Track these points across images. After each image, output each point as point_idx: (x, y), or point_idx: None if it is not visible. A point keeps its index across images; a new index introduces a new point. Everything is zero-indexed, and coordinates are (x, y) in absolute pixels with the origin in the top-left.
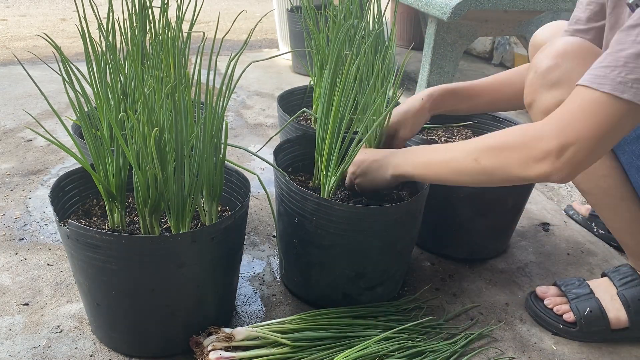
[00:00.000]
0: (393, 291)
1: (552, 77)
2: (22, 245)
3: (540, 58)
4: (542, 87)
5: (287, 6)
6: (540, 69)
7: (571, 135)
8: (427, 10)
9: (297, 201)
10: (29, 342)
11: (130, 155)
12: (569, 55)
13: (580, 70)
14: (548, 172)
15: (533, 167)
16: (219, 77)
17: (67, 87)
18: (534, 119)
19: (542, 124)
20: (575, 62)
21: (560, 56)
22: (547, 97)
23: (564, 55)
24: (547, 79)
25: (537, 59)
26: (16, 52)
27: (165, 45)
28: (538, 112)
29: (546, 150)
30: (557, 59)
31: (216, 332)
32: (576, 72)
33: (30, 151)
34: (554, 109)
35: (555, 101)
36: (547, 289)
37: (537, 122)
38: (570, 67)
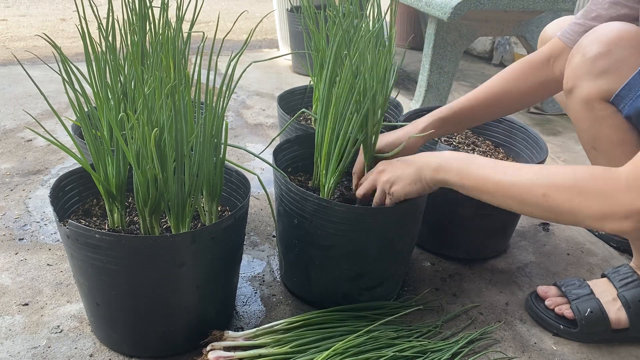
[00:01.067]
0: (393, 291)
1: (602, 64)
2: (22, 245)
3: (590, 41)
4: (589, 73)
5: (287, 6)
6: (590, 53)
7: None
8: (427, 10)
9: (297, 201)
10: (29, 342)
11: (130, 156)
12: (623, 43)
13: (634, 61)
14: (629, 229)
15: (611, 223)
16: (219, 77)
17: (67, 87)
18: (572, 105)
19: (627, 176)
20: (629, 51)
21: (613, 42)
22: (592, 86)
23: (618, 42)
24: (596, 65)
25: (585, 42)
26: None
27: (165, 45)
28: (578, 98)
29: (632, 209)
30: (610, 45)
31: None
32: (628, 62)
33: (30, 151)
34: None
35: (600, 91)
36: (548, 290)
37: (621, 167)
38: (623, 56)
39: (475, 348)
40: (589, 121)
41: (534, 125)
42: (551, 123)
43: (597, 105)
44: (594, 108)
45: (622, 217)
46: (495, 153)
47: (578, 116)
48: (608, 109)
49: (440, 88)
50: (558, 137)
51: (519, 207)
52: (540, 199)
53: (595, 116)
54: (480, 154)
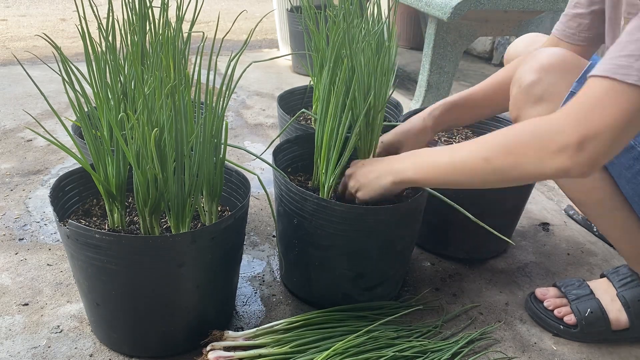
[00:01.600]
0: (393, 291)
1: (536, 91)
2: (22, 245)
3: (524, 72)
4: (527, 102)
5: (287, 6)
6: (524, 83)
7: (592, 127)
8: (427, 10)
9: (297, 201)
10: (29, 342)
11: (130, 156)
12: (552, 68)
13: (565, 83)
14: (567, 166)
15: (550, 162)
16: (219, 77)
17: (67, 87)
18: None
19: (558, 117)
20: (558, 75)
21: (543, 70)
22: (532, 113)
23: (548, 68)
24: (531, 94)
25: (520, 73)
26: (16, 52)
27: (165, 45)
28: None
29: (564, 143)
30: (541, 72)
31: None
32: (560, 85)
33: (30, 151)
34: None
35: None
36: (547, 290)
37: (550, 114)
38: (554, 81)
39: (475, 348)
40: None
41: None
42: None
43: None
44: None
45: (557, 154)
46: None
47: None
48: None
49: (440, 88)
50: None
51: (470, 181)
52: (483, 164)
53: None
54: None
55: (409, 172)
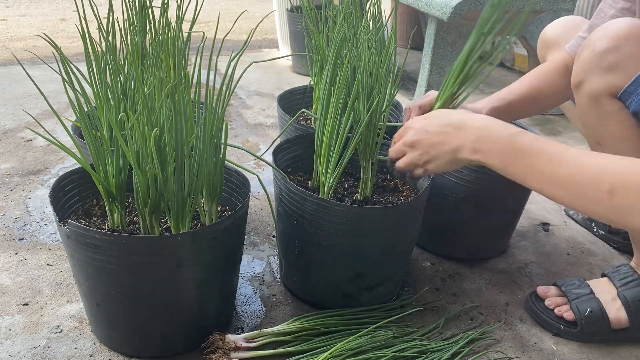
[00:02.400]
0: (393, 291)
1: (610, 59)
2: (22, 245)
3: (599, 36)
4: (597, 68)
5: (287, 6)
6: (599, 48)
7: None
8: (427, 10)
9: (297, 201)
10: (29, 342)
11: (130, 156)
12: (632, 39)
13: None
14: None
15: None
16: (219, 77)
17: (67, 87)
18: (579, 100)
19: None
20: (637, 47)
21: (622, 38)
22: (600, 81)
23: (628, 37)
24: (604, 60)
25: (595, 38)
26: (16, 52)
27: (165, 45)
28: (586, 93)
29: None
30: (620, 40)
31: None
32: (636, 58)
33: (30, 151)
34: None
35: (608, 86)
36: (548, 290)
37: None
38: (631, 52)
39: (475, 348)
40: (596, 116)
41: (534, 125)
42: (551, 123)
43: (604, 101)
44: (601, 103)
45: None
46: None
47: (585, 111)
48: (615, 105)
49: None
50: (558, 137)
51: (573, 202)
52: (604, 196)
53: (602, 112)
54: None
55: (495, 160)
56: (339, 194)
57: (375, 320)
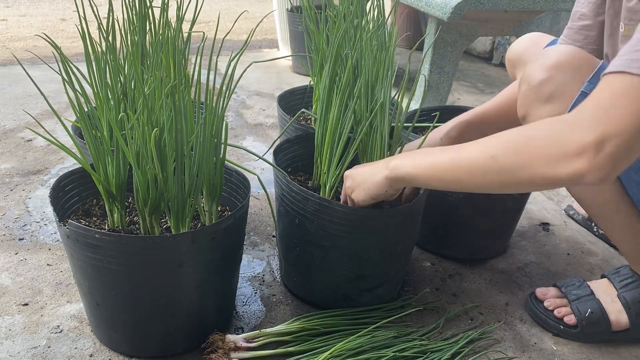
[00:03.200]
0: (393, 292)
1: (546, 90)
2: (22, 245)
3: (533, 70)
4: (536, 101)
5: (287, 6)
6: (534, 82)
7: (612, 125)
8: (427, 10)
9: (298, 201)
10: (29, 342)
11: (130, 155)
12: (563, 67)
13: (576, 82)
14: (584, 169)
15: (565, 165)
16: (219, 77)
17: (67, 87)
18: None
19: (574, 116)
20: (570, 74)
21: (554, 68)
22: (542, 112)
23: (558, 66)
24: (541, 92)
25: (529, 70)
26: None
27: (165, 45)
28: None
29: (582, 144)
30: (551, 71)
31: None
32: (571, 85)
33: (30, 151)
34: None
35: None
36: (547, 290)
37: (565, 114)
38: (565, 80)
39: (475, 348)
40: None
41: None
42: None
43: None
44: None
45: (573, 156)
46: None
47: None
48: None
49: (440, 88)
50: None
51: (472, 180)
52: (489, 162)
53: None
54: None
55: (407, 167)
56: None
57: (375, 320)
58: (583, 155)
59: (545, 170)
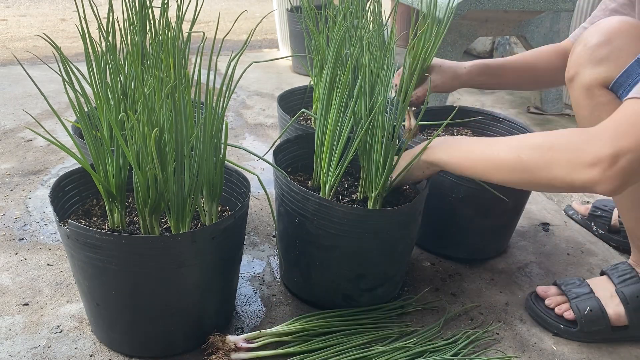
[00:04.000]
0: (393, 292)
1: (602, 52)
2: (22, 245)
3: (592, 32)
4: (590, 61)
5: (287, 6)
6: (591, 42)
7: (627, 143)
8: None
9: (298, 201)
10: (29, 342)
11: (130, 156)
12: (622, 33)
13: (632, 50)
14: (597, 179)
15: (581, 172)
16: (219, 77)
17: (67, 87)
18: (574, 93)
19: (596, 129)
20: (627, 40)
21: (613, 32)
22: (592, 73)
23: (618, 32)
24: (596, 53)
25: (588, 33)
26: (16, 52)
27: (165, 45)
28: (579, 86)
29: (599, 155)
30: (610, 34)
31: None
32: (626, 51)
33: (30, 151)
34: (597, 85)
35: (600, 77)
36: (548, 289)
37: (590, 127)
38: (622, 45)
39: (475, 348)
40: (589, 108)
41: (534, 126)
42: (551, 123)
43: (597, 92)
44: (594, 94)
45: (588, 166)
46: None
47: (579, 103)
48: (608, 96)
49: None
50: None
51: (498, 174)
52: (515, 160)
53: (595, 102)
54: None
55: (443, 154)
56: (338, 194)
57: (375, 320)
58: (598, 165)
59: (563, 175)
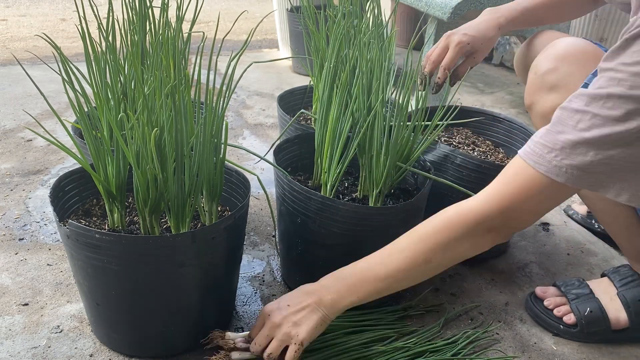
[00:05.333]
0: None
1: (551, 79)
2: (22, 245)
3: (542, 59)
4: (541, 89)
5: (287, 6)
6: (540, 70)
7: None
8: (427, 10)
9: (301, 200)
10: (29, 342)
11: (130, 156)
12: (568, 59)
13: (580, 74)
14: (498, 239)
15: (484, 242)
16: (219, 77)
17: (67, 87)
18: (534, 120)
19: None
20: (574, 66)
21: (559, 59)
22: (546, 100)
23: (563, 58)
24: (546, 81)
25: (538, 60)
26: (16, 52)
27: (165, 45)
28: (538, 114)
29: (491, 228)
30: (557, 61)
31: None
32: (574, 76)
33: (30, 151)
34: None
35: (553, 105)
36: (546, 289)
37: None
38: (569, 71)
39: (475, 348)
40: None
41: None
42: None
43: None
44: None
45: (487, 233)
46: (495, 153)
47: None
48: None
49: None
50: None
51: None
52: (426, 265)
53: None
54: (480, 154)
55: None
56: (339, 193)
57: (375, 322)
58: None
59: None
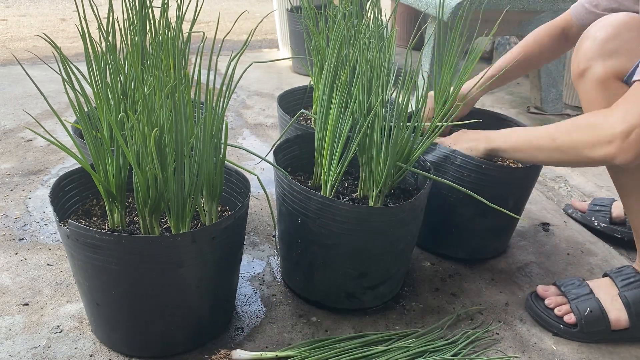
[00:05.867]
0: (394, 290)
1: (611, 46)
2: (22, 245)
3: (599, 27)
4: (600, 55)
5: (287, 6)
6: (599, 37)
7: (635, 119)
8: (426, 10)
9: (301, 200)
10: (29, 342)
11: (130, 156)
12: (629, 26)
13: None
14: (613, 153)
15: (600, 149)
16: (219, 77)
17: (67, 87)
18: (583, 88)
19: (610, 110)
20: (635, 34)
21: (621, 26)
22: (605, 66)
23: (625, 25)
24: (606, 47)
25: (594, 29)
26: (16, 52)
27: (165, 45)
28: (592, 80)
29: (613, 133)
30: (619, 28)
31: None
32: (635, 43)
33: (30, 151)
34: (611, 78)
35: (612, 70)
36: (547, 289)
37: (605, 109)
38: (630, 39)
39: (475, 348)
40: (604, 101)
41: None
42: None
43: (612, 84)
44: (610, 87)
45: (607, 142)
46: None
47: (590, 98)
48: (622, 88)
49: None
50: None
51: (540, 155)
52: (551, 142)
53: (610, 95)
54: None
55: (500, 142)
56: (339, 193)
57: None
58: (613, 142)
59: (586, 152)
